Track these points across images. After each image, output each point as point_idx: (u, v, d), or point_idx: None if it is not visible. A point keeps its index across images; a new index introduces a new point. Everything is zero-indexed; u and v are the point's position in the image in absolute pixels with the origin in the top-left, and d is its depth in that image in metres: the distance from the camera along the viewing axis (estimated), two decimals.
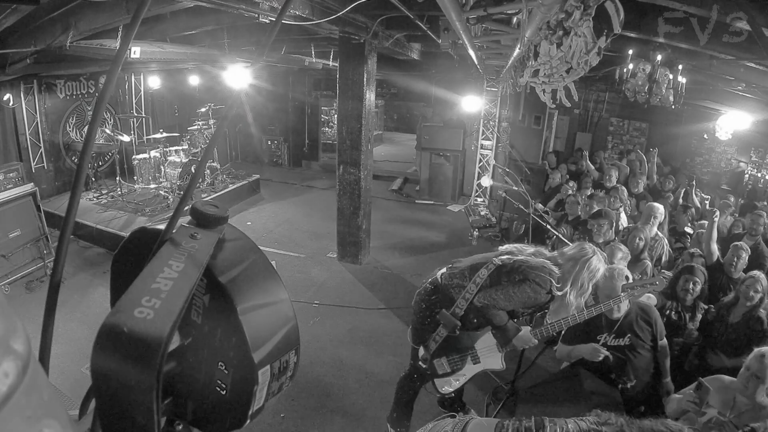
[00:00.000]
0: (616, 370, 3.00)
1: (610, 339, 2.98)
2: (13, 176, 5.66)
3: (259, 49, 1.05)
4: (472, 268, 2.63)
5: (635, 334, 2.98)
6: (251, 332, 0.62)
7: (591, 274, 2.40)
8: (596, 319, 2.96)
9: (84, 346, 4.38)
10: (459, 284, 2.60)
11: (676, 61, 4.57)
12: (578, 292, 2.41)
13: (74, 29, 4.38)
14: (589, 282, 2.41)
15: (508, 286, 2.45)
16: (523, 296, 2.39)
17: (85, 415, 0.65)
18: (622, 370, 3.00)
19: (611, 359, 2.95)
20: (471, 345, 2.57)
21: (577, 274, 2.41)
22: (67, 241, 0.60)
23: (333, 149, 10.37)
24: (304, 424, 3.78)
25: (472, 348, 2.57)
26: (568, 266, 2.44)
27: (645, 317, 3.03)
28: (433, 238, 7.95)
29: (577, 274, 2.41)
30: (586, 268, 2.40)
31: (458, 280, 2.63)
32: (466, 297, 2.50)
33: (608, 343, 2.98)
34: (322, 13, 4.00)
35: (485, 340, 2.55)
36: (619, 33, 2.18)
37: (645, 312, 3.05)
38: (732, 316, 3.27)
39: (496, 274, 2.52)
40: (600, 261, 2.45)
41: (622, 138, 10.13)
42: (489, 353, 2.54)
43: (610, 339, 2.98)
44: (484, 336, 2.56)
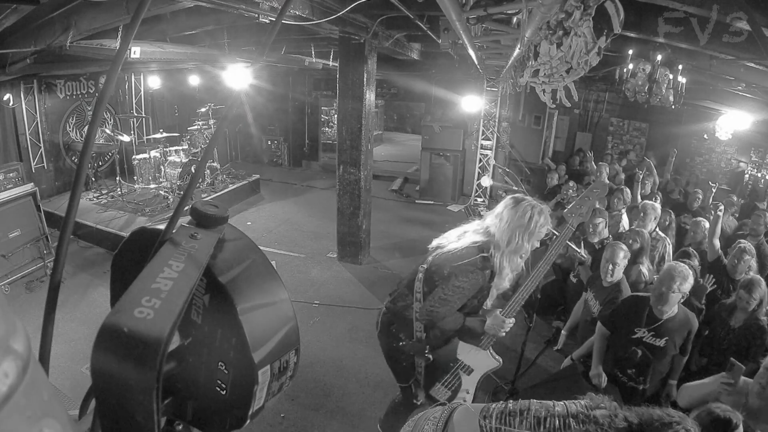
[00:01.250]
0: (639, 368, 2.96)
1: (647, 335, 2.93)
2: (13, 176, 5.66)
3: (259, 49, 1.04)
4: (408, 283, 2.34)
5: (672, 339, 2.92)
6: (251, 332, 0.62)
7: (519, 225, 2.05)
8: (639, 311, 2.93)
9: (84, 346, 4.38)
10: (405, 305, 2.30)
11: (676, 61, 4.57)
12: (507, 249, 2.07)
13: (74, 29, 4.38)
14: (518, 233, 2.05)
15: (440, 289, 2.13)
16: (458, 291, 2.09)
17: (85, 415, 0.65)
18: (645, 369, 2.96)
19: (639, 355, 2.92)
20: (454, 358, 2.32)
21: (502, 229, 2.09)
22: (67, 241, 0.60)
23: (333, 149, 10.37)
24: (304, 424, 3.78)
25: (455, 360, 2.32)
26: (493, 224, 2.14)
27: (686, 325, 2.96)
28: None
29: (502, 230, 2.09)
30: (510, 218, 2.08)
31: (402, 301, 2.33)
32: (418, 318, 2.22)
33: (644, 339, 2.94)
34: (322, 13, 4.00)
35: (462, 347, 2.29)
36: (619, 33, 2.18)
37: (688, 319, 2.97)
38: (734, 320, 3.25)
39: (429, 279, 2.19)
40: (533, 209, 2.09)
41: (622, 138, 10.13)
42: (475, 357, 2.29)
43: (647, 335, 2.93)
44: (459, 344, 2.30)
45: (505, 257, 2.11)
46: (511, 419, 1.20)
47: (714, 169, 9.17)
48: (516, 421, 1.19)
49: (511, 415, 1.21)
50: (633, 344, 2.96)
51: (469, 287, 2.10)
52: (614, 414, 1.10)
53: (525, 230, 2.08)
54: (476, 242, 2.14)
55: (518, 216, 2.08)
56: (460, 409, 1.33)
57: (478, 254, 2.09)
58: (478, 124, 9.38)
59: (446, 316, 2.12)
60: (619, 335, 3.07)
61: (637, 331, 2.95)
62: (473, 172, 9.61)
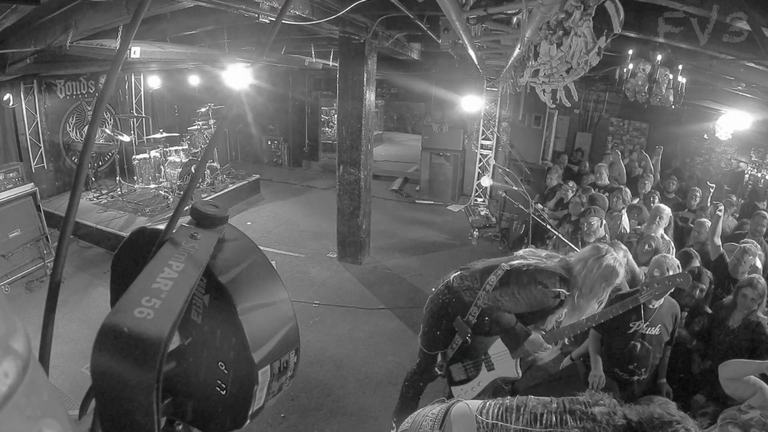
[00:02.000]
0: (640, 360, 3.01)
1: (644, 326, 2.98)
2: (13, 176, 5.66)
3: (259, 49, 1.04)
4: (483, 272, 2.56)
5: (664, 325, 3.01)
6: (251, 332, 0.62)
7: (603, 276, 2.27)
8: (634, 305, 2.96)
9: (84, 346, 4.38)
10: (471, 287, 2.54)
11: (676, 61, 4.57)
12: (590, 295, 2.30)
13: (74, 29, 4.38)
14: (602, 284, 2.29)
15: (513, 288, 2.39)
16: (528, 298, 2.34)
17: (85, 415, 0.64)
18: (645, 360, 3.02)
19: (639, 348, 2.97)
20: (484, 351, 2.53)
21: (586, 275, 2.30)
22: (67, 241, 0.60)
23: (333, 149, 10.37)
24: (304, 424, 3.78)
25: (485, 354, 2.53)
26: (578, 268, 2.35)
27: (673, 311, 3.08)
28: (433, 238, 7.96)
29: (586, 276, 2.30)
30: (597, 269, 2.28)
31: (469, 282, 2.57)
32: (478, 304, 2.46)
33: (642, 330, 2.99)
34: (322, 13, 4.00)
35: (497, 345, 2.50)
36: (619, 33, 2.18)
37: (672, 305, 3.09)
38: (731, 321, 3.25)
39: (506, 279, 2.45)
40: (615, 260, 2.32)
41: (622, 138, 10.13)
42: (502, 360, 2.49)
43: (645, 327, 2.98)
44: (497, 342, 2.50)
45: (584, 299, 2.34)
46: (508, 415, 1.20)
47: (713, 169, 9.17)
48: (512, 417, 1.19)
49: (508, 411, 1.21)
50: (631, 339, 3.00)
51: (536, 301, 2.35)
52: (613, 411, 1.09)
53: (607, 283, 2.32)
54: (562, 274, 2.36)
55: (603, 269, 2.30)
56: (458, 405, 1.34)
57: (558, 285, 2.34)
58: (478, 124, 9.38)
59: (507, 311, 2.35)
60: (614, 334, 3.09)
61: (633, 325, 2.98)
62: (473, 172, 9.62)
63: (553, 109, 8.85)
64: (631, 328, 2.98)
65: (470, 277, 2.58)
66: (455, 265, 6.98)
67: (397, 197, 10.20)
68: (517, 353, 2.45)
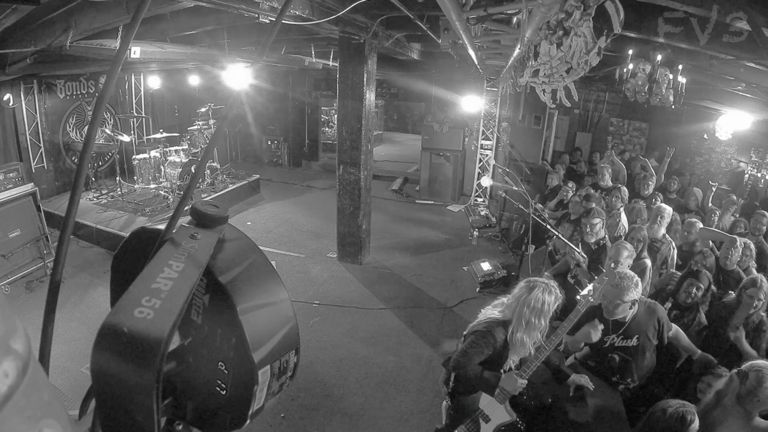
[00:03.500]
0: (620, 372, 2.99)
1: (617, 340, 2.97)
2: (13, 176, 5.66)
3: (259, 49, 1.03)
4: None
5: (644, 333, 2.96)
6: (251, 332, 0.62)
7: (532, 309, 2.49)
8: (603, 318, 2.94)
9: (84, 346, 4.38)
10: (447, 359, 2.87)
11: (676, 61, 4.57)
12: (526, 329, 2.52)
13: (74, 29, 4.38)
14: (535, 316, 2.49)
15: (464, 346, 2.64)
16: (474, 348, 2.58)
17: (85, 415, 0.65)
18: (626, 371, 2.99)
19: (617, 360, 2.95)
20: (476, 407, 2.73)
21: (519, 312, 2.53)
22: (67, 241, 0.60)
23: (333, 149, 10.37)
24: (304, 424, 3.78)
25: (478, 409, 2.72)
26: (513, 306, 2.58)
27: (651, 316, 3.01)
28: (433, 238, 7.96)
29: (519, 313, 2.53)
30: (526, 305, 2.50)
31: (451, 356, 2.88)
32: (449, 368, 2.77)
33: (615, 344, 2.97)
34: (322, 13, 4.00)
35: (485, 397, 2.70)
36: (619, 33, 2.17)
37: (651, 310, 3.03)
38: (735, 320, 3.25)
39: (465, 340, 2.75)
40: (543, 292, 2.52)
41: (622, 138, 10.13)
42: (493, 408, 2.67)
43: (618, 340, 2.97)
44: (483, 395, 2.71)
45: (525, 334, 2.53)
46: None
47: (713, 169, 9.16)
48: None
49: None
50: (608, 352, 2.98)
51: (482, 348, 2.58)
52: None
53: (540, 313, 2.50)
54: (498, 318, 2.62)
55: (533, 302, 2.50)
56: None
57: (497, 326, 2.58)
58: (478, 124, 9.38)
59: (466, 366, 2.57)
60: (592, 347, 3.07)
61: (607, 339, 2.96)
62: (473, 172, 9.62)
63: (553, 109, 8.86)
64: (606, 342, 2.96)
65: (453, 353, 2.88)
66: (455, 265, 7.04)
67: (397, 197, 10.20)
68: (498, 398, 2.62)
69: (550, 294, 2.54)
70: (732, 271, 4.02)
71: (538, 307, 2.50)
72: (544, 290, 2.54)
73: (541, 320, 2.51)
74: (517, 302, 2.56)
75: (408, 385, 4.31)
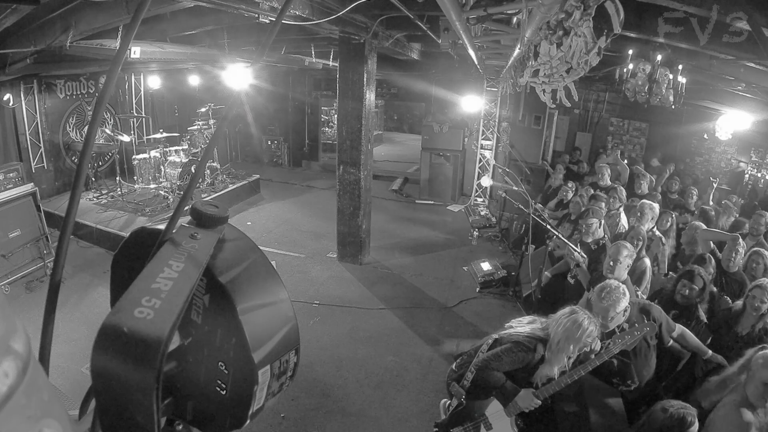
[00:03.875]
0: (620, 375, 2.99)
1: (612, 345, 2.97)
2: (13, 176, 5.66)
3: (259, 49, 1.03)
4: (476, 347, 2.88)
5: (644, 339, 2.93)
6: (251, 332, 0.62)
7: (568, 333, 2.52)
8: None
9: (84, 346, 4.38)
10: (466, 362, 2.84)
11: (676, 61, 4.57)
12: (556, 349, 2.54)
13: (74, 29, 4.38)
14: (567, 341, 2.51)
15: (498, 350, 2.67)
16: (510, 355, 2.60)
17: (85, 415, 0.65)
18: (626, 373, 2.99)
19: (615, 364, 2.93)
20: (482, 413, 2.75)
21: (556, 332, 2.56)
22: (67, 241, 0.60)
23: (333, 149, 10.37)
24: (304, 424, 3.78)
25: (483, 415, 2.74)
26: (553, 329, 2.60)
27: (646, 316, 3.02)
28: (433, 238, 7.96)
29: (556, 333, 2.55)
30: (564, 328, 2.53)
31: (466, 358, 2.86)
32: (471, 369, 2.74)
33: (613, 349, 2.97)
34: (322, 13, 4.00)
35: (494, 406, 2.71)
36: (619, 33, 2.17)
37: (645, 311, 3.05)
38: (740, 327, 3.22)
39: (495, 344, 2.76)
40: (585, 320, 2.54)
41: (622, 138, 10.13)
42: (499, 419, 2.69)
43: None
44: (493, 402, 2.73)
45: (554, 356, 2.56)
46: None
47: (714, 170, 9.16)
48: None
49: None
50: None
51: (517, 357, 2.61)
52: None
53: (577, 341, 2.53)
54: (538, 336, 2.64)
55: (573, 329, 2.53)
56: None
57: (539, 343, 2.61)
58: (478, 124, 9.38)
59: (494, 370, 2.60)
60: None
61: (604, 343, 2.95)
62: (473, 172, 9.62)
63: (553, 109, 8.85)
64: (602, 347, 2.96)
65: (466, 355, 2.90)
66: (455, 265, 7.04)
67: (397, 197, 10.20)
68: (509, 410, 2.63)
69: (590, 324, 2.55)
70: (734, 273, 3.96)
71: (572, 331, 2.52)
72: (584, 318, 2.56)
73: (574, 348, 2.52)
74: (557, 325, 2.58)
75: (408, 385, 4.31)
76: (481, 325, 5.23)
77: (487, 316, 5.47)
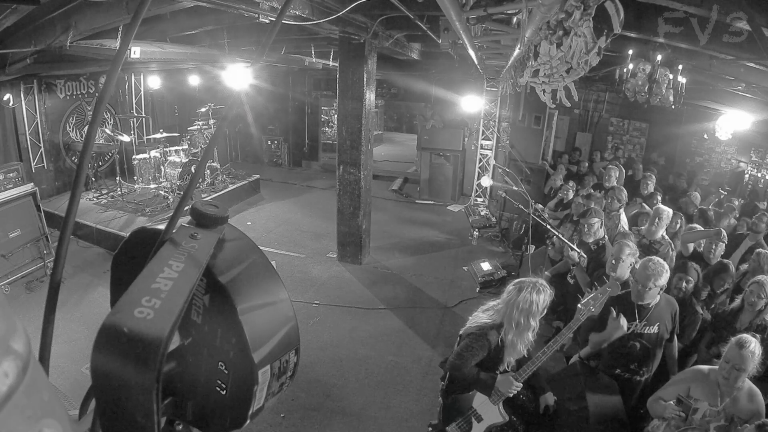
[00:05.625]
0: (641, 360, 3.04)
1: (640, 326, 3.01)
2: (13, 176, 5.66)
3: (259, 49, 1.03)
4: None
5: (662, 323, 3.03)
6: (251, 332, 0.62)
7: (521, 311, 2.53)
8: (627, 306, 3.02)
9: (84, 346, 4.38)
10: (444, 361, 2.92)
11: (676, 61, 4.57)
12: (516, 331, 2.55)
13: (74, 29, 4.38)
14: (525, 317, 2.52)
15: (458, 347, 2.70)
16: (469, 350, 2.61)
17: (85, 415, 0.65)
18: (646, 359, 3.04)
19: (638, 347, 2.99)
20: (470, 405, 2.77)
21: (509, 315, 2.56)
22: (67, 241, 0.60)
23: (333, 149, 10.37)
24: (304, 424, 3.78)
25: (471, 408, 2.77)
26: (503, 310, 2.62)
27: (670, 307, 3.10)
28: (433, 238, 7.96)
29: (509, 315, 2.56)
30: (515, 308, 2.53)
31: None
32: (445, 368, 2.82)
33: (638, 330, 3.00)
34: (322, 13, 4.00)
35: (479, 398, 2.74)
36: (619, 33, 2.17)
37: (670, 302, 3.12)
38: (739, 323, 3.25)
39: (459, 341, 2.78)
40: (531, 292, 2.55)
41: (622, 138, 10.13)
42: (487, 408, 2.72)
43: (640, 326, 3.01)
44: (476, 395, 2.76)
45: (516, 336, 2.56)
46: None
47: (713, 169, 9.16)
48: None
49: None
50: (630, 339, 3.01)
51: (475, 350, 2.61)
52: None
53: (528, 313, 2.53)
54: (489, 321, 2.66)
55: (521, 304, 2.54)
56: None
57: (490, 329, 2.62)
58: (478, 124, 9.38)
59: (462, 367, 2.61)
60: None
61: (631, 326, 3.00)
62: (473, 172, 9.62)
63: (553, 109, 8.85)
64: (630, 328, 2.99)
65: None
66: (455, 265, 7.04)
67: (397, 197, 10.20)
68: (494, 398, 2.66)
69: (538, 293, 2.55)
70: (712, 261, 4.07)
71: (526, 308, 2.52)
72: (531, 290, 2.56)
73: (530, 320, 2.54)
74: (507, 305, 2.60)
75: (408, 385, 4.31)
76: None
77: None
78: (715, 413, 2.36)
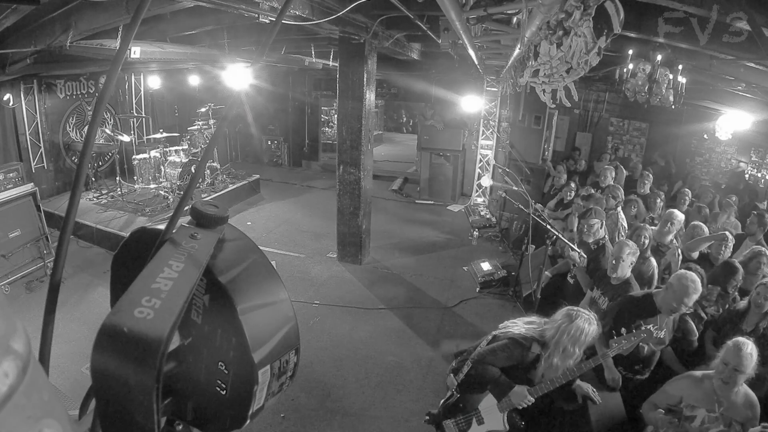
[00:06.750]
0: (645, 361, 3.08)
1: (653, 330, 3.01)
2: (13, 176, 5.65)
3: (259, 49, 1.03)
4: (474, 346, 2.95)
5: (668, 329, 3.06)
6: (251, 332, 0.62)
7: (572, 338, 2.55)
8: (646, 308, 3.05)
9: (84, 346, 4.38)
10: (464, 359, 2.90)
11: (676, 61, 4.56)
12: (562, 356, 2.57)
13: (74, 29, 4.38)
14: (573, 345, 2.55)
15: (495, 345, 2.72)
16: (505, 351, 2.65)
17: (85, 415, 0.65)
18: (650, 361, 3.09)
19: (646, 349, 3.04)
20: (475, 407, 2.78)
21: (558, 338, 2.58)
22: (67, 241, 0.60)
23: (333, 149, 10.37)
24: (304, 424, 3.78)
25: (476, 409, 2.77)
26: (551, 332, 2.62)
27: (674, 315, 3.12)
28: (433, 238, 7.96)
29: (558, 339, 2.57)
30: (566, 333, 2.55)
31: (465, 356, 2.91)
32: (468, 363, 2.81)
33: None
34: (322, 13, 4.00)
35: (487, 401, 2.74)
36: (619, 33, 2.17)
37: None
38: (745, 325, 3.24)
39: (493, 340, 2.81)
40: (585, 322, 2.58)
41: (622, 138, 10.13)
42: (491, 414, 2.73)
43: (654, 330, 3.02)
44: (486, 397, 2.76)
45: (560, 361, 2.58)
46: None
47: (713, 169, 9.16)
48: None
49: None
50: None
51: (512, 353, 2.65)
52: None
53: (577, 342, 2.56)
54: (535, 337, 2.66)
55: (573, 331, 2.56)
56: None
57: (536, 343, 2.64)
58: (478, 124, 9.38)
59: (490, 364, 2.65)
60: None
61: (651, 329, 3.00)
62: (473, 172, 9.61)
63: (553, 109, 8.84)
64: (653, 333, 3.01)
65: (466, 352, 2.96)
66: (455, 264, 7.04)
67: (397, 197, 10.20)
68: (502, 405, 2.68)
69: (590, 324, 2.59)
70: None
71: (576, 336, 2.55)
72: (584, 321, 2.59)
73: (576, 348, 2.56)
74: (557, 330, 2.60)
75: (408, 385, 4.31)
76: (481, 325, 5.22)
77: (487, 316, 5.47)
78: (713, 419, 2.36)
